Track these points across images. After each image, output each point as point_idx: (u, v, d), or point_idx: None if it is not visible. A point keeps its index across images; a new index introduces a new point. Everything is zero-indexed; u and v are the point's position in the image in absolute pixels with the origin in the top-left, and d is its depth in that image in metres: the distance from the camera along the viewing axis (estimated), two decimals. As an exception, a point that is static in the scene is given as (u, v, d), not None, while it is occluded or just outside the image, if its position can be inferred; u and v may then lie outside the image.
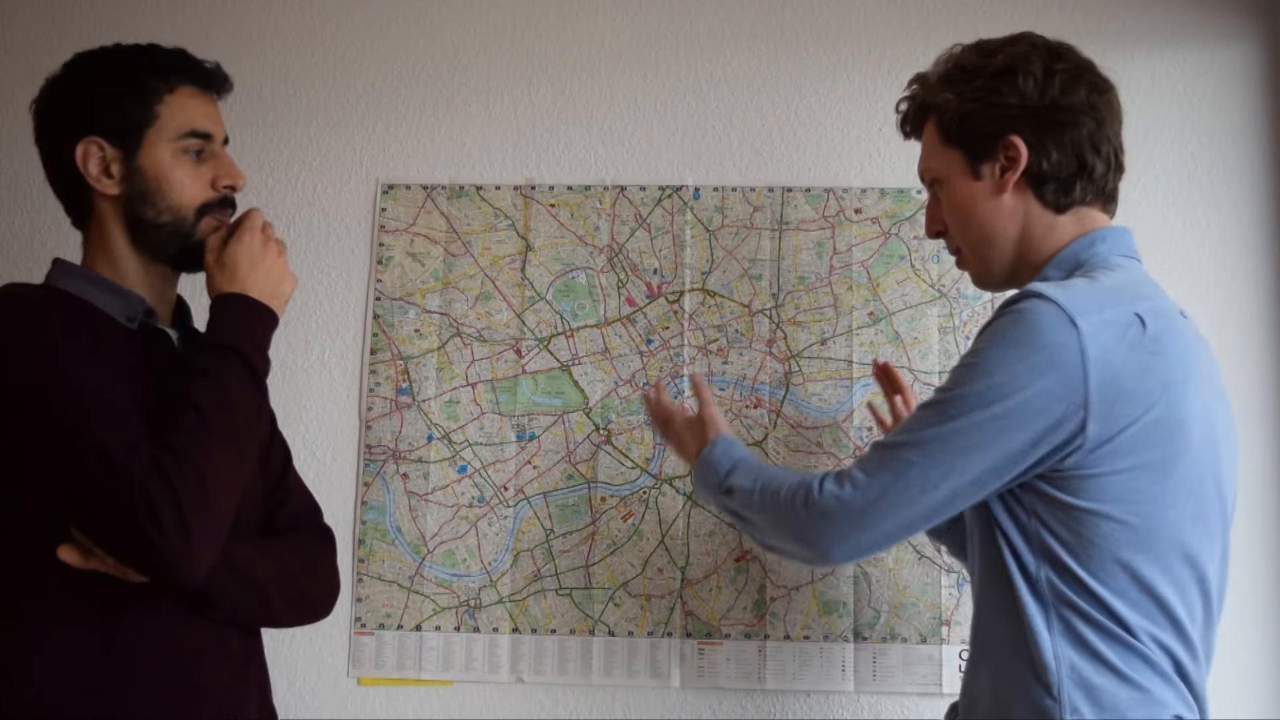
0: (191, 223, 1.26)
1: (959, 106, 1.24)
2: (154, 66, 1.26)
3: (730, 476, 1.33)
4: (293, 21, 2.02)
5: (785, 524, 1.21)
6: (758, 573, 1.83)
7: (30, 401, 1.08)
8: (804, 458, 1.84)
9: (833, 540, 1.16)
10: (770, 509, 1.24)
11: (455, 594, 1.85)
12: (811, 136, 1.93)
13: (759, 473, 1.30)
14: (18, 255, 2.01)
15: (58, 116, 1.26)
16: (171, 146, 1.24)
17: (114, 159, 1.23)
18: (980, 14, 1.93)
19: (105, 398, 1.10)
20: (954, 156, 1.26)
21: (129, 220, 1.24)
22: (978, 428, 1.09)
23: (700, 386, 1.55)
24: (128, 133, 1.23)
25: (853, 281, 1.89)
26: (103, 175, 1.24)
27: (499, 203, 1.95)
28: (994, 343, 1.11)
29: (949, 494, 1.11)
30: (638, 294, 1.91)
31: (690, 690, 1.82)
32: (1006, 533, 1.15)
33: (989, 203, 1.24)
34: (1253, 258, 1.87)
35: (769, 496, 1.24)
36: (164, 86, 1.25)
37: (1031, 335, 1.08)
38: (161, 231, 1.25)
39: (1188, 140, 1.90)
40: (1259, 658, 1.79)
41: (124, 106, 1.23)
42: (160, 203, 1.24)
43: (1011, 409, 1.08)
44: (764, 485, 1.26)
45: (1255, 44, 1.91)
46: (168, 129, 1.24)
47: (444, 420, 1.89)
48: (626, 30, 1.98)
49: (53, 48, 2.04)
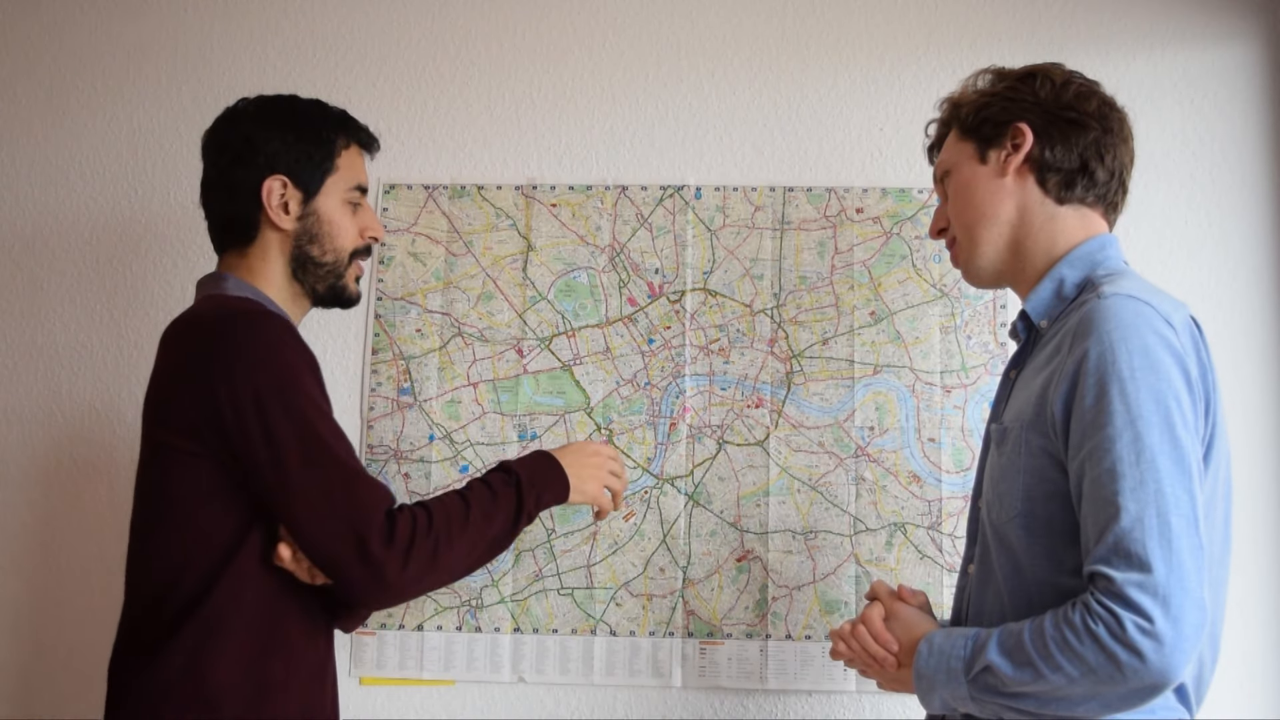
0: (345, 265, 1.43)
1: (978, 100, 1.30)
2: (337, 124, 1.43)
3: (977, 661, 1.12)
4: (293, 21, 2.02)
5: (1100, 679, 1.03)
6: (759, 572, 1.83)
7: (292, 421, 1.23)
8: (805, 457, 1.84)
9: (1174, 655, 1.00)
10: (1065, 671, 1.05)
11: (457, 594, 1.85)
12: (813, 136, 1.94)
13: (1004, 639, 1.10)
14: (18, 254, 2.01)
15: (250, 152, 1.38)
16: (342, 196, 1.42)
17: (294, 198, 1.38)
18: (981, 15, 1.93)
19: (335, 424, 1.28)
20: (966, 147, 1.31)
21: (295, 255, 1.40)
22: (1187, 448, 1.06)
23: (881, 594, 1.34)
24: (312, 178, 1.39)
25: (854, 281, 1.89)
26: (281, 210, 1.38)
27: (500, 202, 1.94)
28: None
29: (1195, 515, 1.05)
30: (639, 294, 1.91)
31: (692, 690, 1.82)
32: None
33: (990, 183, 1.27)
34: (1254, 257, 1.87)
35: (1046, 657, 1.05)
36: (343, 143, 1.43)
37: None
38: (321, 269, 1.41)
39: (1189, 140, 1.90)
40: (1259, 658, 1.79)
41: (314, 154, 1.39)
42: (327, 244, 1.41)
43: (1187, 420, 1.08)
44: (1029, 648, 1.07)
45: (1255, 44, 1.92)
46: (342, 181, 1.42)
47: (446, 420, 1.89)
48: (628, 30, 1.98)
49: (54, 48, 2.05)
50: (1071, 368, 1.10)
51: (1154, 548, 1.01)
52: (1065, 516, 1.12)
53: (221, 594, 1.23)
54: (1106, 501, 1.04)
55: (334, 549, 1.21)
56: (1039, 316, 1.25)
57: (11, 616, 1.91)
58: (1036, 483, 1.14)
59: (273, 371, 1.23)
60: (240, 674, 1.23)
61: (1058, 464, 1.13)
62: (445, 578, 1.29)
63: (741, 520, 1.84)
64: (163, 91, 2.02)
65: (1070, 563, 1.11)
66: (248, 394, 1.21)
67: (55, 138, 2.02)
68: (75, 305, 1.98)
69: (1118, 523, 1.03)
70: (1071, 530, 1.11)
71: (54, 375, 1.97)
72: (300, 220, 1.38)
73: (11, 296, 1.99)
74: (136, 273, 1.98)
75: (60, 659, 1.89)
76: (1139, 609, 1.00)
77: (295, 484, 1.21)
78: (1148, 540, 1.01)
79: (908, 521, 1.82)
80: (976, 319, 1.86)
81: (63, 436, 1.95)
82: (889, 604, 1.29)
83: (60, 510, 1.91)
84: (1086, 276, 1.23)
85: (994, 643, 1.10)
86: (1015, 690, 1.08)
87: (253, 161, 1.37)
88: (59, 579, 1.90)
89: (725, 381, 1.88)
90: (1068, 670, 1.03)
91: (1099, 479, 1.05)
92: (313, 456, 1.22)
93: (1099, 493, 1.05)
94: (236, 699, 1.23)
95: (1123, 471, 1.04)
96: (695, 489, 1.85)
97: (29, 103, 2.03)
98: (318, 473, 1.22)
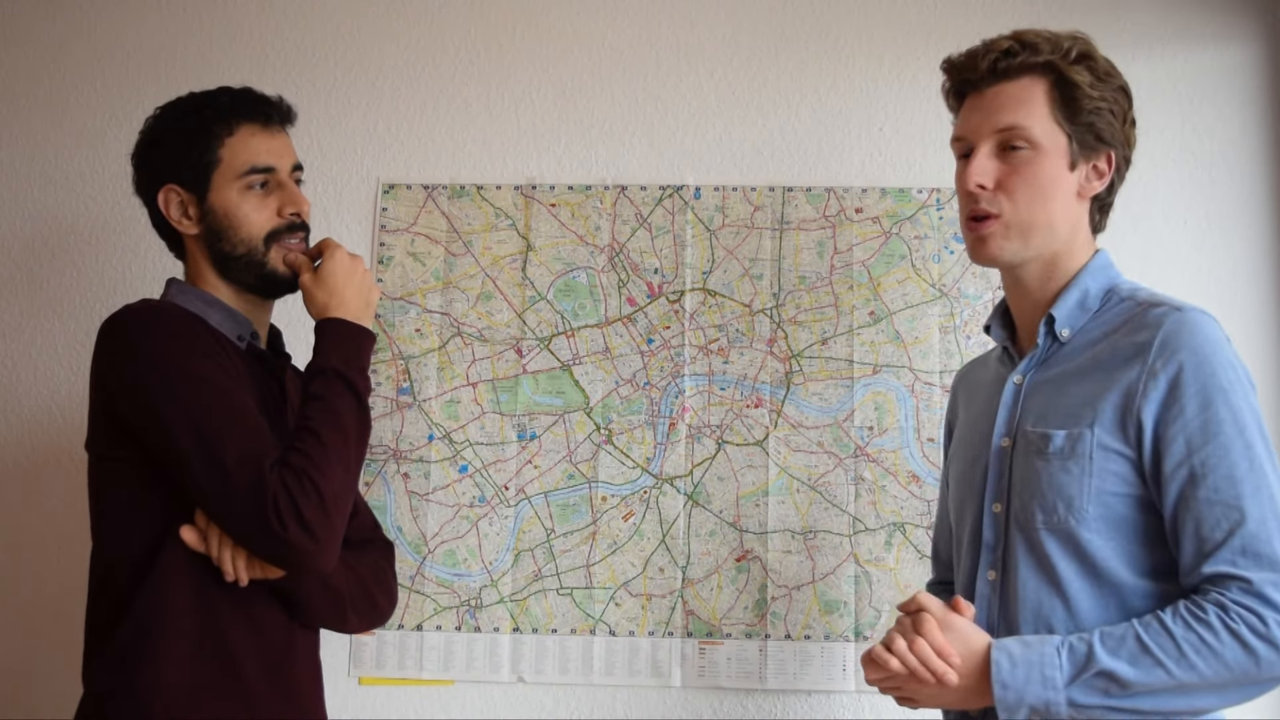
0: (263, 251, 1.37)
1: (1098, 98, 1.23)
2: (215, 111, 1.36)
3: (1087, 668, 1.12)
4: (293, 21, 2.02)
5: (1236, 675, 1.09)
6: (759, 572, 1.83)
7: (181, 407, 1.21)
8: (804, 457, 1.84)
9: None
10: (1200, 669, 1.09)
11: (456, 594, 1.85)
12: (812, 136, 1.94)
13: (1111, 644, 1.12)
14: (19, 254, 2.01)
15: (144, 166, 1.39)
16: (236, 184, 1.35)
17: (190, 202, 1.36)
18: (981, 15, 1.93)
19: (246, 409, 1.25)
20: (1061, 137, 1.24)
21: (212, 255, 1.37)
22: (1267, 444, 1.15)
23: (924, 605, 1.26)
24: (197, 178, 1.35)
25: (853, 281, 1.89)
26: (183, 218, 1.36)
27: (500, 202, 1.95)
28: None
29: None
30: (638, 294, 1.91)
31: (691, 690, 1.82)
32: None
33: (1069, 198, 1.25)
34: (1253, 258, 1.87)
35: (1179, 658, 1.09)
36: (224, 130, 1.36)
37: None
38: (239, 262, 1.36)
39: (1188, 140, 1.90)
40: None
41: (191, 154, 1.35)
42: (233, 236, 1.36)
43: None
44: (1155, 650, 1.10)
45: (1255, 44, 1.92)
46: (230, 169, 1.35)
47: (445, 420, 1.89)
48: (627, 30, 1.98)
49: (55, 49, 2.05)
50: (1164, 380, 1.15)
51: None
52: (1140, 520, 1.18)
53: (149, 594, 1.23)
54: (1228, 506, 1.11)
55: (246, 542, 1.22)
56: (1064, 326, 1.26)
57: (14, 615, 1.91)
58: (1111, 486, 1.18)
59: (157, 367, 1.23)
60: (174, 675, 1.22)
61: (1136, 470, 1.18)
62: (345, 501, 1.26)
63: (741, 520, 1.84)
64: (163, 92, 1.99)
65: (1147, 563, 1.17)
66: (141, 398, 1.23)
67: (55, 138, 2.02)
68: (75, 305, 1.98)
69: (1244, 526, 1.10)
70: (1145, 533, 1.17)
71: (54, 375, 1.97)
72: (201, 221, 1.36)
73: (11, 296, 1.99)
74: (136, 273, 1.98)
75: (61, 660, 1.89)
76: (1278, 606, 1.08)
77: (199, 481, 1.21)
78: (1275, 541, 1.09)
79: (907, 521, 1.82)
80: (976, 319, 1.86)
81: (63, 436, 1.95)
82: (943, 616, 1.21)
83: (61, 510, 1.91)
84: (1107, 288, 1.26)
85: (1101, 648, 1.12)
86: (1136, 692, 1.11)
87: (148, 178, 1.37)
88: (60, 578, 1.90)
89: (724, 381, 1.88)
90: (1202, 669, 1.09)
91: (1217, 486, 1.12)
92: (207, 448, 1.20)
93: (1217, 499, 1.12)
94: (171, 700, 1.22)
95: (1240, 478, 1.11)
96: (694, 489, 1.85)
97: (29, 103, 2.03)
98: (214, 469, 1.20)
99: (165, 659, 1.22)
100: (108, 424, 1.28)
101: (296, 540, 1.19)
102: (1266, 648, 1.07)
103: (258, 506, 1.18)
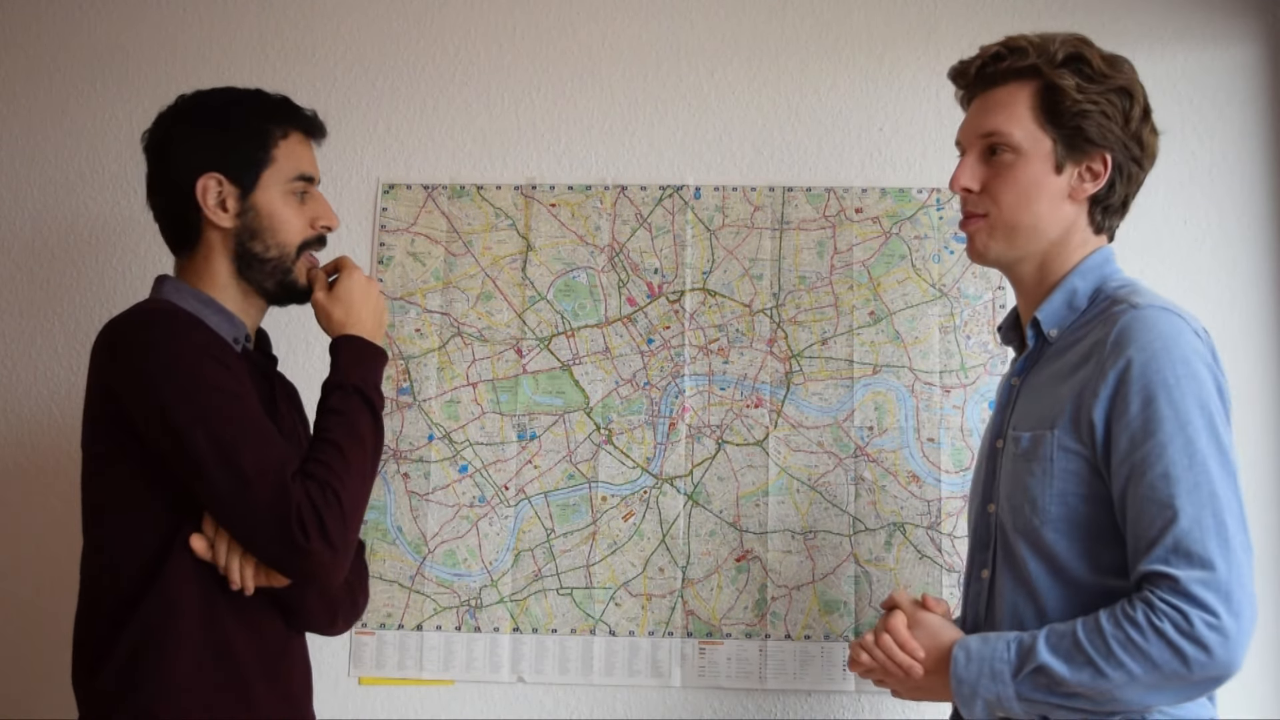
0: (293, 259, 1.38)
1: (1081, 100, 1.22)
2: (271, 113, 1.39)
3: (1027, 663, 1.14)
4: (293, 22, 2.02)
5: (1165, 674, 1.08)
6: (758, 572, 1.83)
7: (197, 414, 1.21)
8: (804, 457, 1.84)
9: (1237, 649, 1.07)
10: (1128, 668, 1.09)
11: (456, 593, 1.85)
12: (812, 136, 1.94)
13: (1053, 640, 1.13)
14: (19, 254, 2.01)
15: (181, 151, 1.36)
16: (283, 188, 1.37)
17: (231, 195, 1.34)
18: (981, 15, 1.93)
19: (260, 418, 1.25)
20: (1045, 141, 1.24)
21: (237, 252, 1.36)
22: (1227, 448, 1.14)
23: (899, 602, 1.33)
24: (246, 173, 1.35)
25: (853, 281, 1.89)
26: (219, 209, 1.34)
27: (500, 202, 1.95)
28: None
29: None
30: (638, 293, 1.91)
31: (691, 690, 1.82)
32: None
33: (1055, 201, 1.25)
34: (1253, 258, 1.87)
35: (1108, 656, 1.09)
36: (279, 132, 1.38)
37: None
38: (267, 265, 1.37)
39: (1188, 140, 1.90)
40: (1259, 657, 1.79)
41: (243, 147, 1.35)
42: (270, 239, 1.36)
43: (1225, 425, 1.16)
44: (1087, 648, 1.11)
45: (1255, 44, 1.91)
46: (281, 172, 1.37)
47: (445, 420, 1.89)
48: (627, 30, 1.98)
49: (55, 49, 2.05)
50: (1113, 377, 1.14)
51: (1213, 547, 1.07)
52: (1101, 518, 1.17)
53: (157, 597, 1.24)
54: (1163, 504, 1.09)
55: (262, 551, 1.23)
56: (1050, 326, 1.26)
57: (14, 615, 1.91)
58: (1071, 487, 1.18)
59: (172, 374, 1.23)
60: (183, 677, 1.23)
61: (1093, 469, 1.17)
62: (361, 514, 1.30)
63: (741, 520, 1.84)
64: (162, 92, 2.00)
65: (1108, 562, 1.16)
66: (153, 402, 1.22)
67: (55, 138, 2.02)
68: (75, 305, 1.98)
69: (1176, 524, 1.08)
70: (1107, 531, 1.16)
71: (54, 375, 1.97)
72: (240, 217, 1.34)
73: (11, 296, 1.99)
74: (136, 273, 1.98)
75: (61, 660, 1.88)
76: (1205, 605, 1.06)
77: (215, 490, 1.20)
78: (1207, 540, 1.08)
79: (907, 521, 1.82)
80: (975, 319, 1.86)
81: (62, 436, 1.95)
82: (912, 612, 1.29)
83: (61, 510, 1.91)
84: (1096, 288, 1.25)
85: (1042, 645, 1.13)
86: (1071, 690, 1.11)
87: (186, 161, 1.34)
88: (61, 578, 1.90)
89: (724, 381, 1.88)
90: (1130, 667, 1.08)
91: (1153, 483, 1.10)
92: (225, 457, 1.20)
93: (1153, 496, 1.10)
94: (179, 701, 1.22)
95: (1177, 475, 1.10)
96: (694, 489, 1.85)
97: (29, 103, 2.03)
98: (233, 478, 1.20)
99: (174, 661, 1.23)
100: (110, 425, 1.27)
101: (318, 551, 1.20)
102: (1193, 646, 1.06)
103: (280, 517, 1.19)
